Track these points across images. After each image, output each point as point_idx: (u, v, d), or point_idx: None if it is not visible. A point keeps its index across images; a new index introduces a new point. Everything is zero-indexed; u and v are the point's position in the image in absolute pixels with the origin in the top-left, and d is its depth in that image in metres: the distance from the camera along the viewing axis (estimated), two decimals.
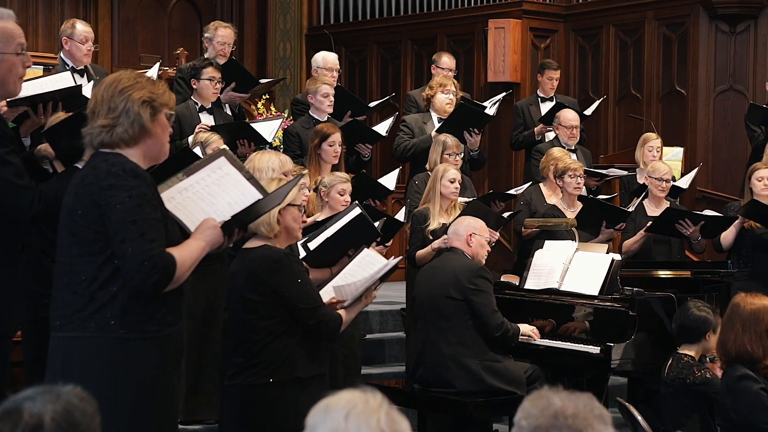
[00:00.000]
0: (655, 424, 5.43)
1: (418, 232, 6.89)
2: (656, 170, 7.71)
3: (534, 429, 2.29)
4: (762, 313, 4.68)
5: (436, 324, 6.12)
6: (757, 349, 4.64)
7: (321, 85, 7.75)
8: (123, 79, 3.64)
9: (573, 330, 6.45)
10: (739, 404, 4.62)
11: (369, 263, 4.84)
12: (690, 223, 7.31)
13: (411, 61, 12.23)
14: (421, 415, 6.47)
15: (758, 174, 7.59)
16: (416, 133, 8.12)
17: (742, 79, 10.42)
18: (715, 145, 10.46)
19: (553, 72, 9.45)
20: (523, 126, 9.31)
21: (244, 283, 4.38)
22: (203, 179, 3.80)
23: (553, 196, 7.77)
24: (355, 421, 2.22)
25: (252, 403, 4.35)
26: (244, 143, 7.14)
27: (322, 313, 4.39)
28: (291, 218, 4.45)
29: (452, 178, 6.88)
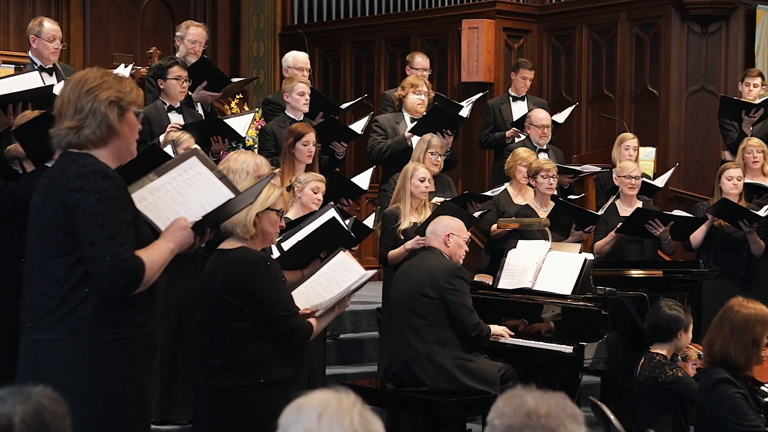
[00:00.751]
0: (627, 423, 5.45)
1: (390, 232, 6.89)
2: (624, 168, 7.75)
3: (507, 428, 2.29)
4: (752, 322, 4.70)
5: (412, 322, 6.13)
6: (740, 357, 4.68)
7: (297, 84, 7.75)
8: (89, 78, 3.59)
9: (546, 329, 6.47)
10: (715, 406, 4.66)
11: (344, 269, 4.80)
12: (660, 223, 7.35)
13: (385, 61, 12.23)
14: (394, 414, 6.48)
15: (728, 173, 7.64)
16: (389, 133, 8.12)
17: (714, 79, 10.49)
18: (687, 145, 10.52)
19: (528, 72, 9.47)
20: (493, 125, 9.30)
21: (220, 284, 4.35)
22: (174, 179, 3.78)
23: (519, 196, 7.79)
24: (328, 421, 2.21)
25: (227, 406, 4.32)
26: (217, 140, 7.12)
27: (295, 321, 4.37)
28: (268, 222, 4.42)
29: (422, 177, 6.88)
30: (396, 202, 6.97)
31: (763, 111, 8.51)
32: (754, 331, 4.69)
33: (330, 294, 4.63)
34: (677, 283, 6.94)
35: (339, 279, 4.72)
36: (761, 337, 4.71)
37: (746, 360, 4.69)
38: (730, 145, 8.78)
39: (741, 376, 4.71)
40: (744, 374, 4.73)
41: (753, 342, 4.68)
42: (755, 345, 4.69)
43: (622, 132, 8.83)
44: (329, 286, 4.70)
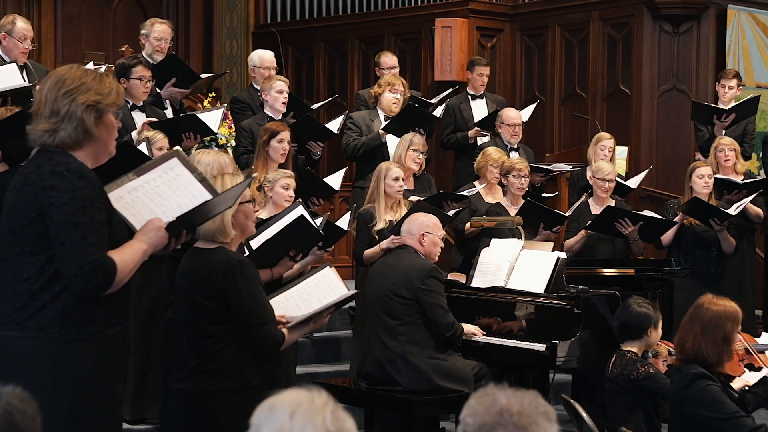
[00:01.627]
0: (599, 420, 5.48)
1: (365, 231, 6.89)
2: (600, 170, 7.77)
3: (479, 426, 2.30)
4: (723, 319, 4.74)
5: (385, 322, 6.12)
6: (712, 354, 4.72)
7: (276, 82, 7.76)
8: (68, 79, 3.55)
9: (519, 328, 6.49)
10: (693, 401, 4.70)
11: (327, 285, 4.72)
12: (629, 222, 7.39)
13: (358, 60, 12.23)
14: (368, 413, 6.47)
15: (699, 172, 7.69)
16: (363, 131, 8.12)
17: (686, 78, 10.54)
18: (659, 144, 10.57)
19: (483, 68, 9.49)
20: (453, 125, 9.30)
21: (195, 285, 4.28)
22: (154, 179, 3.75)
23: (489, 195, 7.81)
24: (300, 420, 2.21)
25: (200, 410, 4.27)
26: (189, 136, 7.10)
27: (268, 329, 4.27)
28: (243, 216, 4.35)
29: (396, 176, 6.88)
30: (371, 201, 6.96)
31: (734, 115, 8.57)
32: (725, 328, 4.73)
33: (308, 308, 4.57)
34: (649, 282, 6.99)
35: (320, 295, 4.65)
36: (732, 334, 4.75)
37: (718, 357, 4.73)
38: (701, 146, 8.84)
39: (714, 373, 4.75)
40: (717, 371, 4.76)
41: (724, 339, 4.73)
42: (726, 342, 4.73)
43: (594, 131, 8.87)
44: (309, 300, 4.63)
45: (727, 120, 8.56)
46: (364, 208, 6.99)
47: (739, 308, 4.85)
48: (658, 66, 10.57)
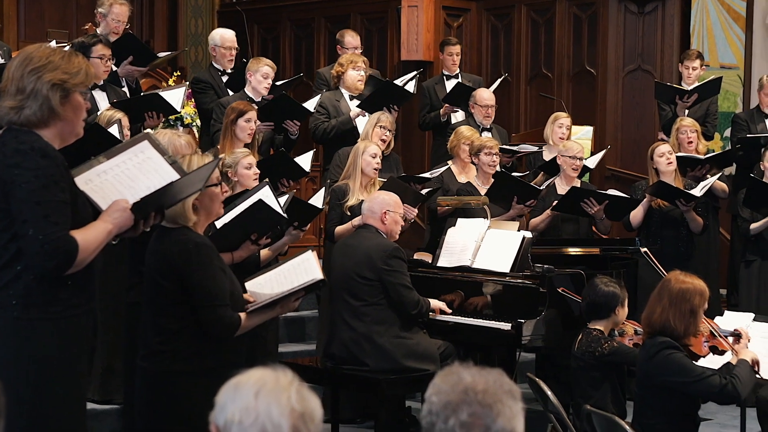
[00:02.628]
0: (564, 398, 5.51)
1: (337, 208, 6.87)
2: (569, 149, 7.79)
3: (444, 405, 2.30)
4: (690, 293, 4.82)
5: (349, 302, 6.13)
6: (679, 325, 4.79)
7: (263, 66, 7.77)
8: (35, 57, 3.53)
9: (485, 307, 6.51)
10: (660, 369, 4.77)
11: (304, 270, 4.63)
12: (594, 202, 7.43)
13: (324, 39, 12.17)
14: (333, 392, 6.49)
15: (659, 150, 7.75)
16: (331, 112, 8.09)
17: (651, 59, 10.59)
18: (624, 124, 10.62)
19: (453, 47, 9.50)
20: (429, 106, 9.33)
21: (156, 265, 4.27)
22: (124, 162, 3.73)
23: (462, 174, 7.82)
24: (266, 399, 2.21)
25: (160, 389, 4.25)
26: (152, 115, 7.08)
27: (221, 312, 4.20)
28: (209, 199, 4.29)
29: (373, 153, 6.87)
30: (345, 178, 6.94)
31: (696, 95, 8.63)
32: (692, 301, 4.81)
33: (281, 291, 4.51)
34: (613, 261, 7.03)
35: (295, 279, 4.58)
36: (699, 308, 4.82)
37: (685, 328, 4.79)
38: (664, 126, 8.90)
39: (681, 345, 4.81)
40: (683, 342, 4.82)
41: (691, 311, 4.80)
42: (693, 314, 4.81)
43: (560, 111, 8.89)
44: (284, 284, 4.58)
45: (690, 100, 8.62)
46: (337, 184, 6.97)
47: (707, 289, 4.92)
48: (623, 46, 10.61)
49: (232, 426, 2.22)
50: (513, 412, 2.31)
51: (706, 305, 4.90)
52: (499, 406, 2.29)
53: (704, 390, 4.73)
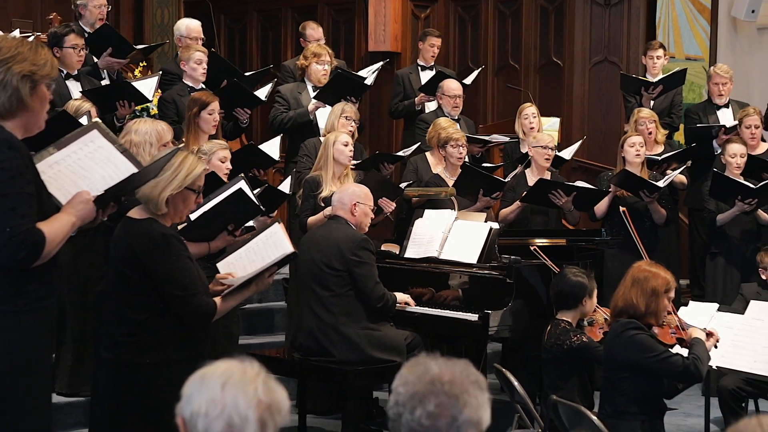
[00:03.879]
0: (531, 389, 5.54)
1: (310, 199, 6.84)
2: (540, 140, 7.82)
3: (411, 395, 2.31)
4: (654, 276, 4.96)
5: (318, 293, 6.13)
6: (641, 303, 4.89)
7: (194, 52, 7.68)
8: (3, 48, 3.51)
9: (452, 298, 6.53)
10: (625, 348, 4.84)
11: (273, 244, 4.64)
12: (563, 193, 7.46)
13: (291, 30, 12.12)
14: (301, 384, 6.48)
15: (630, 141, 7.79)
16: (291, 104, 8.07)
17: (617, 50, 10.63)
18: (591, 115, 10.66)
19: (435, 39, 9.52)
20: (402, 94, 9.35)
21: (122, 256, 4.24)
22: (75, 152, 3.71)
23: (438, 165, 7.82)
24: (232, 390, 2.21)
25: (124, 381, 4.23)
26: (123, 104, 7.07)
27: (196, 301, 4.21)
28: (182, 200, 4.25)
29: (345, 141, 6.85)
30: (318, 169, 6.92)
31: (662, 87, 8.68)
32: (655, 281, 4.93)
33: (254, 268, 4.50)
34: (580, 252, 7.06)
35: (266, 253, 4.58)
36: (661, 289, 4.91)
37: (646, 306, 4.88)
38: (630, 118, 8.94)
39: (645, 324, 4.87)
40: (645, 321, 4.88)
41: (653, 291, 4.90)
42: (655, 294, 4.90)
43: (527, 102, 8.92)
44: (256, 260, 4.57)
45: (655, 92, 8.67)
46: (310, 175, 6.95)
47: (673, 279, 5.00)
48: (589, 38, 10.65)
49: (199, 418, 2.22)
50: (479, 402, 2.32)
51: (672, 294, 4.96)
52: (466, 397, 2.30)
53: (667, 368, 4.80)
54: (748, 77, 10.51)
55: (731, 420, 6.24)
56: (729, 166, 7.76)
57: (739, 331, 5.52)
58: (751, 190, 7.48)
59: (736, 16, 10.79)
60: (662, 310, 4.95)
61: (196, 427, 2.22)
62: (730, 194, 7.62)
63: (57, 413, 6.14)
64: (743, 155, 7.77)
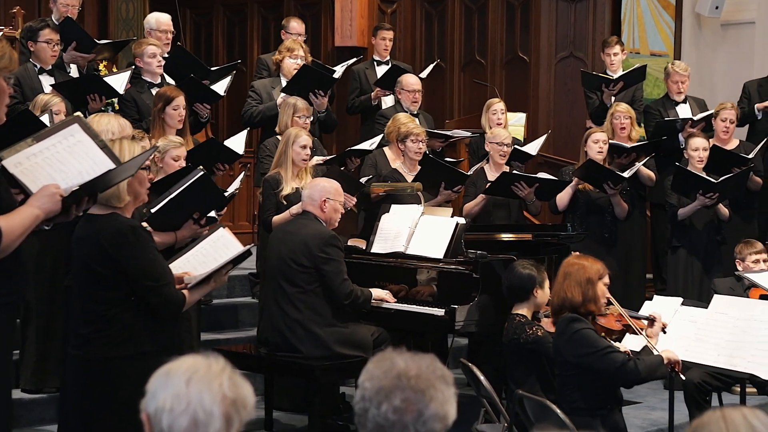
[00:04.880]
0: (497, 383, 5.56)
1: (272, 198, 6.81)
2: (496, 136, 7.85)
3: (377, 390, 2.31)
4: (586, 268, 4.94)
5: (285, 289, 6.12)
6: (576, 294, 4.87)
7: (146, 47, 7.64)
8: None
9: (419, 293, 6.53)
10: (570, 346, 4.81)
11: (223, 245, 4.71)
12: (525, 185, 7.51)
13: (258, 25, 12.10)
14: (267, 379, 6.47)
15: (594, 137, 7.83)
16: (264, 99, 8.06)
17: (582, 46, 10.69)
18: (557, 110, 10.71)
19: (386, 32, 9.51)
20: (359, 90, 9.32)
21: (89, 252, 4.22)
22: (54, 146, 3.68)
23: (397, 160, 7.82)
24: (197, 386, 2.20)
25: (95, 376, 4.21)
26: (94, 98, 7.04)
27: (167, 291, 4.25)
28: (138, 183, 4.27)
29: (303, 144, 6.83)
30: (277, 167, 6.90)
31: (623, 83, 8.73)
32: (588, 272, 4.92)
33: (206, 268, 4.54)
34: (545, 246, 7.08)
35: (217, 255, 4.63)
36: (595, 277, 4.89)
37: (582, 295, 4.87)
38: (591, 113, 9.00)
39: (583, 314, 4.87)
40: (584, 310, 4.87)
41: (588, 280, 4.90)
42: (590, 283, 4.89)
43: (493, 97, 8.94)
44: (206, 262, 4.61)
45: (616, 88, 8.72)
46: (269, 174, 6.93)
47: (605, 267, 4.99)
48: (555, 34, 10.69)
49: (163, 413, 2.21)
50: (445, 396, 2.32)
51: (606, 280, 4.96)
52: (432, 392, 2.30)
53: (606, 364, 4.75)
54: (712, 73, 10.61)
55: (696, 413, 6.29)
56: (692, 160, 7.81)
57: (703, 325, 5.55)
58: (712, 185, 7.54)
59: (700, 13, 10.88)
60: (600, 297, 4.93)
61: (160, 422, 2.21)
62: (691, 188, 7.67)
63: (20, 409, 6.09)
64: (705, 149, 7.81)
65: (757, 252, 6.80)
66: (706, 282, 7.55)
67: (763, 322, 5.32)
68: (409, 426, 2.28)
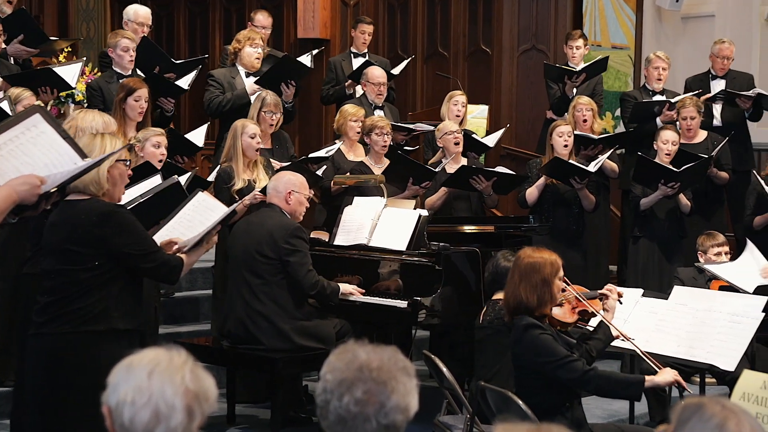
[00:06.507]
0: (460, 375, 5.57)
1: (224, 191, 6.77)
2: (443, 128, 7.86)
3: (339, 382, 2.31)
4: (539, 265, 4.81)
5: (249, 281, 6.10)
6: (531, 297, 4.78)
7: (120, 39, 7.60)
8: None
9: (382, 285, 6.54)
10: (526, 351, 4.78)
11: (206, 208, 4.77)
12: (483, 179, 7.54)
13: (220, 16, 12.04)
14: (230, 372, 6.46)
15: (559, 130, 7.85)
16: (225, 88, 8.02)
17: (544, 39, 10.71)
18: (519, 103, 10.73)
19: (366, 26, 9.53)
20: (335, 81, 9.35)
21: (67, 235, 4.22)
22: (17, 137, 3.65)
23: (351, 152, 7.82)
24: (159, 378, 2.19)
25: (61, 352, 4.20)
26: (45, 90, 6.99)
27: (160, 256, 4.35)
28: (118, 175, 4.30)
29: (252, 133, 6.81)
30: (227, 160, 6.87)
31: (585, 75, 8.77)
32: (543, 271, 4.79)
33: (194, 233, 4.58)
34: (508, 238, 7.11)
35: (203, 218, 4.70)
36: (551, 277, 4.80)
37: (538, 299, 4.78)
38: (552, 104, 9.03)
39: (538, 318, 4.81)
40: (539, 313, 4.82)
41: (543, 281, 4.78)
42: (545, 284, 4.78)
43: (456, 90, 8.95)
44: (192, 226, 4.65)
45: (578, 80, 8.76)
46: (221, 167, 6.90)
47: (558, 259, 4.92)
48: (518, 26, 10.71)
49: (125, 406, 2.20)
50: (407, 388, 2.33)
51: (561, 273, 4.86)
52: (394, 383, 2.31)
53: (565, 374, 4.70)
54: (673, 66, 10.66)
55: (655, 404, 6.35)
56: (660, 152, 7.84)
57: (664, 316, 5.60)
58: (674, 174, 7.59)
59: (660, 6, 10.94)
60: (556, 294, 4.88)
61: (122, 415, 2.20)
62: (653, 178, 7.72)
63: None
64: (675, 143, 7.85)
65: (719, 244, 6.85)
66: (667, 272, 7.60)
67: (722, 313, 5.37)
68: (371, 418, 2.29)
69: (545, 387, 4.79)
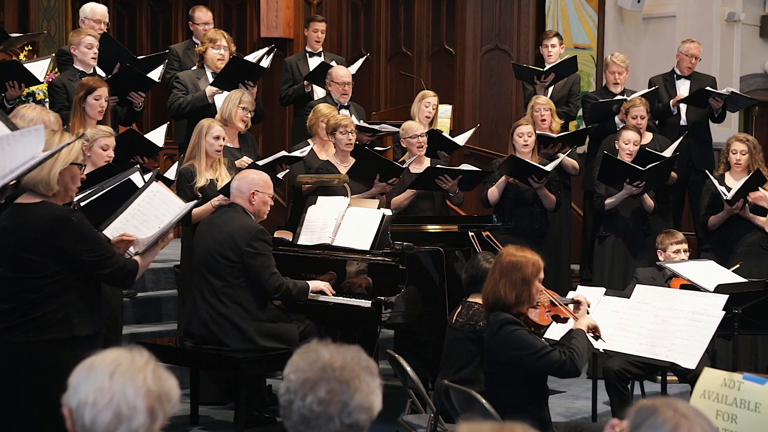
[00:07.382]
0: (423, 374, 5.58)
1: (187, 190, 6.72)
2: (407, 131, 7.86)
3: (303, 382, 2.31)
4: (521, 264, 4.85)
5: (211, 282, 6.07)
6: (510, 295, 4.80)
7: (84, 37, 7.57)
8: None
9: (345, 284, 6.53)
10: (503, 346, 4.79)
11: (160, 201, 4.71)
12: (449, 177, 7.56)
13: (182, 14, 11.97)
14: (193, 372, 6.43)
15: (519, 130, 7.88)
16: (190, 89, 7.98)
17: (507, 39, 10.75)
18: (482, 102, 10.76)
19: (318, 24, 9.52)
20: (291, 81, 9.33)
21: (20, 241, 4.18)
22: None
23: (323, 152, 7.81)
24: (121, 379, 2.18)
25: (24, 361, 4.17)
26: (13, 84, 6.95)
27: (116, 261, 4.33)
28: (70, 177, 4.26)
29: (216, 134, 6.78)
30: (190, 159, 6.84)
31: (554, 75, 8.81)
32: (524, 270, 4.83)
33: (149, 228, 4.55)
34: None
35: (158, 213, 4.64)
36: (531, 277, 4.83)
37: (517, 296, 4.80)
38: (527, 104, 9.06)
39: (515, 314, 4.83)
40: (517, 311, 4.84)
41: (523, 280, 4.82)
42: (525, 282, 4.82)
43: (420, 89, 8.96)
44: (147, 220, 4.60)
45: (547, 80, 8.79)
46: (184, 166, 6.86)
47: (540, 260, 4.95)
48: (480, 26, 10.74)
49: (86, 407, 2.18)
50: (370, 388, 2.33)
51: (541, 275, 4.90)
52: (357, 383, 2.31)
53: (545, 365, 4.74)
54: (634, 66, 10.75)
55: (617, 401, 6.38)
56: (621, 152, 7.90)
57: (625, 314, 5.63)
58: (640, 173, 7.64)
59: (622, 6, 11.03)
60: (534, 295, 4.92)
61: (83, 417, 2.18)
62: (618, 178, 7.77)
63: None
64: (636, 143, 7.91)
65: (678, 242, 6.91)
66: (632, 271, 7.65)
67: (683, 311, 5.41)
68: (334, 417, 2.29)
69: (518, 384, 4.81)
